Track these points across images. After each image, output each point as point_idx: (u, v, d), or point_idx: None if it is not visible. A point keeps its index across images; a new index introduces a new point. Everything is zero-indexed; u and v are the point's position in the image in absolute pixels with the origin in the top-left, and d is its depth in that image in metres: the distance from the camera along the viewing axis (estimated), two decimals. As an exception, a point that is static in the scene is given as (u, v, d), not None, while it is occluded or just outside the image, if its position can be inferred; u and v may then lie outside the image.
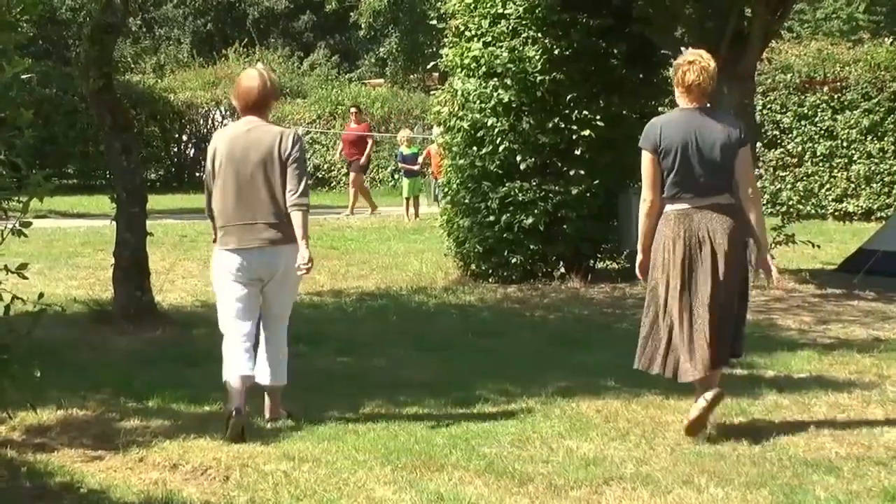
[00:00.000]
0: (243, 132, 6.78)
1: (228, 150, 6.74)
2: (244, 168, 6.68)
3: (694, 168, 6.50)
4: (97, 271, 13.08)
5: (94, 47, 9.68)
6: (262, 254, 6.67)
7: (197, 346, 8.91)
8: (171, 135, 34.05)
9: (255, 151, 6.69)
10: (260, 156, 6.67)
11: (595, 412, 7.02)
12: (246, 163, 6.68)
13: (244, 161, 6.68)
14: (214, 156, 6.79)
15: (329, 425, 6.64)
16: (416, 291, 12.27)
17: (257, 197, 6.66)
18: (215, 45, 48.79)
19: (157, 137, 33.33)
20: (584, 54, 13.08)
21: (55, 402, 6.88)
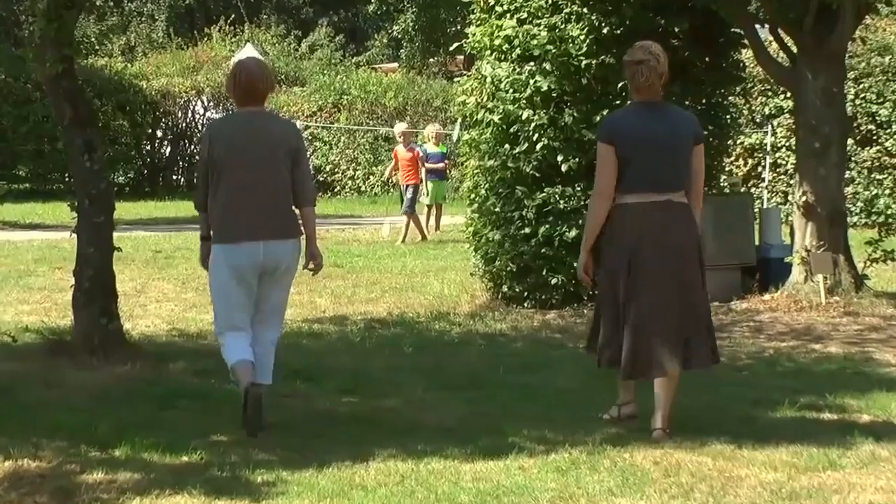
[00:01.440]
0: (248, 123, 7.79)
1: (232, 141, 7.70)
2: (250, 161, 7.65)
3: (650, 163, 7.55)
4: (54, 293, 13.14)
5: (50, 25, 9.69)
6: (266, 247, 7.67)
7: (173, 384, 8.92)
8: (144, 130, 34.06)
9: (261, 144, 7.69)
10: (268, 148, 7.69)
11: (652, 464, 6.99)
12: (252, 155, 7.66)
13: (250, 153, 7.66)
14: (212, 148, 7.69)
15: (332, 479, 6.63)
16: (436, 318, 12.27)
17: (263, 190, 7.66)
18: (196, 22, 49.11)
19: (127, 133, 33.41)
20: (638, 33, 13.04)
21: (2, 450, 6.87)
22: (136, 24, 49.31)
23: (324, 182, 32.67)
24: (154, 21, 49.81)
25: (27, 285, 13.99)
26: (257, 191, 7.67)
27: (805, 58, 13.20)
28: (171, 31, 47.76)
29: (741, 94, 16.35)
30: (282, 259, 7.79)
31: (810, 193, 13.11)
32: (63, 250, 16.85)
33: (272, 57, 40.88)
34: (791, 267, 13.29)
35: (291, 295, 13.23)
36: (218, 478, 6.56)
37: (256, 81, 7.79)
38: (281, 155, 7.71)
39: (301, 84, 36.28)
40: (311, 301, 13.30)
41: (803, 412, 8.42)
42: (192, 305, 12.54)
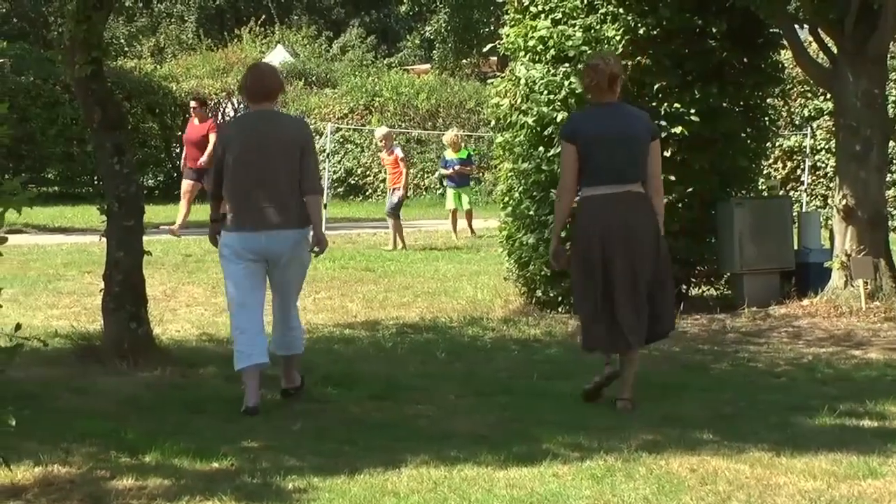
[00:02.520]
0: (259, 120, 8.69)
1: (243, 137, 8.58)
2: (259, 155, 8.47)
3: (611, 158, 8.49)
4: (83, 298, 13.19)
5: (79, 26, 9.74)
6: (268, 237, 8.43)
7: (203, 389, 8.96)
8: (173, 133, 34.03)
9: (270, 139, 8.52)
10: (276, 143, 8.51)
11: (689, 472, 6.98)
12: (261, 150, 8.48)
13: (259, 149, 8.48)
14: (225, 143, 8.61)
15: (363, 485, 6.64)
16: (468, 323, 12.28)
17: (269, 183, 8.45)
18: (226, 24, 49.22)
19: (156, 136, 33.55)
20: (676, 34, 13.06)
21: (33, 456, 6.90)
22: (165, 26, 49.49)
23: (355, 185, 32.71)
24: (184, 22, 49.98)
25: (56, 289, 14.05)
26: (264, 184, 8.46)
27: (845, 59, 13.15)
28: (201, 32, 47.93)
29: (780, 95, 16.26)
30: (284, 247, 8.50)
31: (850, 197, 13.06)
32: (92, 254, 16.92)
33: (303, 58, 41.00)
34: (830, 272, 13.24)
35: (322, 299, 13.31)
36: (249, 484, 6.59)
37: (265, 81, 8.75)
38: (289, 149, 8.52)
39: (332, 86, 36.34)
40: (342, 306, 13.33)
41: (843, 419, 8.39)
42: (222, 310, 12.54)
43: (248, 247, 8.45)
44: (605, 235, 8.50)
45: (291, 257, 8.55)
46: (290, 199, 8.49)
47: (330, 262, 17.32)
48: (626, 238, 8.49)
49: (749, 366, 10.51)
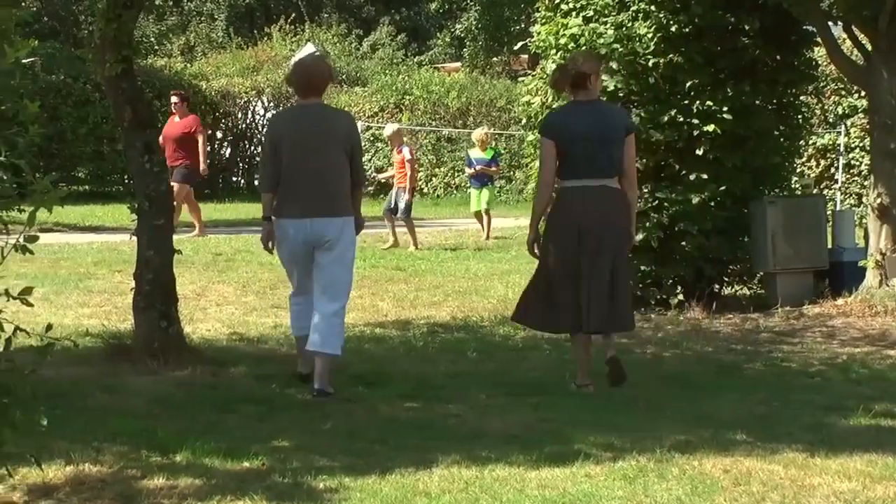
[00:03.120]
0: (307, 113, 9.13)
1: (293, 129, 9.06)
2: (308, 146, 8.96)
3: (588, 153, 9.00)
4: (114, 297, 13.23)
5: (110, 25, 9.76)
6: (312, 223, 8.89)
7: (233, 388, 8.97)
8: (203, 131, 34.17)
9: (319, 131, 8.99)
10: (324, 135, 8.98)
11: (722, 472, 6.96)
12: (310, 142, 8.97)
13: (309, 140, 8.97)
14: (276, 135, 9.13)
15: (395, 485, 6.64)
16: (500, 322, 12.26)
17: (317, 172, 8.92)
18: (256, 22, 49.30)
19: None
20: (708, 31, 13.03)
21: (64, 455, 6.92)
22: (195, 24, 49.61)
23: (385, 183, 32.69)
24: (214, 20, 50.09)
25: (87, 288, 14.09)
26: (312, 173, 8.94)
27: (880, 55, 13.09)
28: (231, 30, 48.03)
29: (813, 93, 16.25)
30: (328, 233, 8.92)
31: (885, 195, 13.01)
32: (123, 253, 16.97)
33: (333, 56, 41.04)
34: (865, 270, 13.19)
35: (353, 298, 13.29)
36: (280, 484, 6.59)
37: (313, 75, 9.15)
38: (337, 141, 9.01)
39: (362, 84, 36.36)
40: (373, 305, 13.33)
41: (878, 419, 8.36)
42: (253, 309, 12.59)
43: (296, 233, 8.96)
44: (579, 226, 9.01)
45: (335, 243, 8.96)
46: (335, 188, 9.01)
47: (360, 261, 17.30)
48: (598, 230, 9.01)
49: (783, 366, 10.48)
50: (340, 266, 9.06)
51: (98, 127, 29.73)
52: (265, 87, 34.51)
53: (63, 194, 5.01)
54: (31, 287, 5.08)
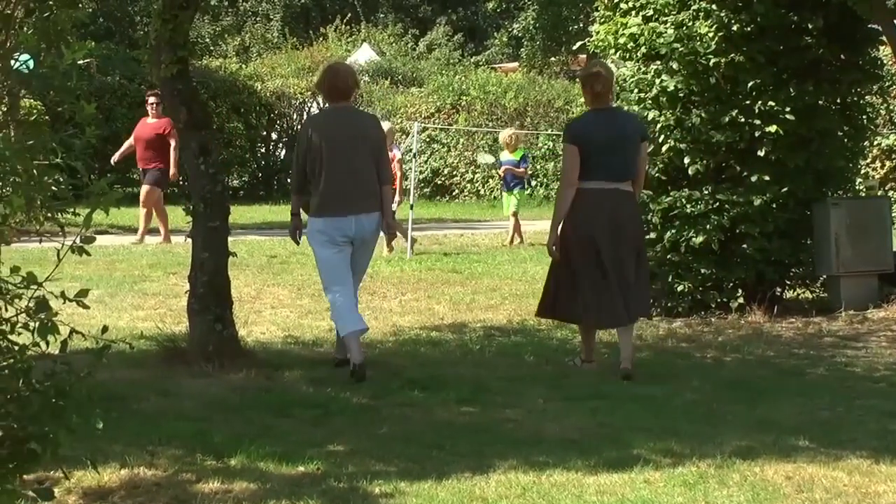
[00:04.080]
0: (339, 117, 9.95)
1: (327, 132, 9.76)
2: (348, 148, 9.70)
3: (607, 158, 9.79)
4: (168, 299, 13.32)
5: (165, 26, 9.83)
6: (357, 221, 9.71)
7: (288, 392, 9.01)
8: (258, 132, 34.16)
9: (350, 134, 9.78)
10: (356, 137, 9.77)
11: (784, 479, 6.93)
12: (344, 143, 9.70)
13: (342, 142, 9.70)
14: (311, 138, 9.75)
15: (451, 491, 6.65)
16: (557, 326, 12.23)
17: (358, 172, 9.70)
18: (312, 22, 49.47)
19: (241, 135, 33.64)
20: (770, 30, 12.97)
21: (119, 458, 6.98)
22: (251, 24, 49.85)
23: (441, 185, 32.72)
24: (269, 21, 50.31)
25: (142, 291, 14.18)
26: (352, 174, 9.71)
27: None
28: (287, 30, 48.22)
29: (878, 93, 16.11)
30: (368, 229, 9.85)
31: (951, 197, 12.91)
32: (177, 255, 17.07)
33: (389, 57, 41.12)
34: (931, 274, 13.10)
35: (409, 301, 13.37)
36: (335, 488, 6.62)
37: (341, 81, 9.98)
38: (369, 142, 9.84)
39: (419, 84, 36.40)
40: (429, 308, 13.35)
41: (944, 426, 8.29)
42: (308, 312, 12.63)
43: (342, 231, 9.73)
44: (596, 226, 9.83)
45: (371, 238, 10.01)
46: (372, 187, 9.82)
47: (416, 263, 17.36)
48: (614, 229, 9.83)
49: (846, 370, 10.41)
50: (369, 256, 10.27)
51: (153, 128, 29.90)
52: (320, 87, 34.58)
53: (119, 196, 5.04)
54: (87, 289, 5.11)
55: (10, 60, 5.04)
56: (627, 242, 9.93)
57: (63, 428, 5.12)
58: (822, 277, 13.61)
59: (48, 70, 4.93)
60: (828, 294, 13.55)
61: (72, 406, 5.12)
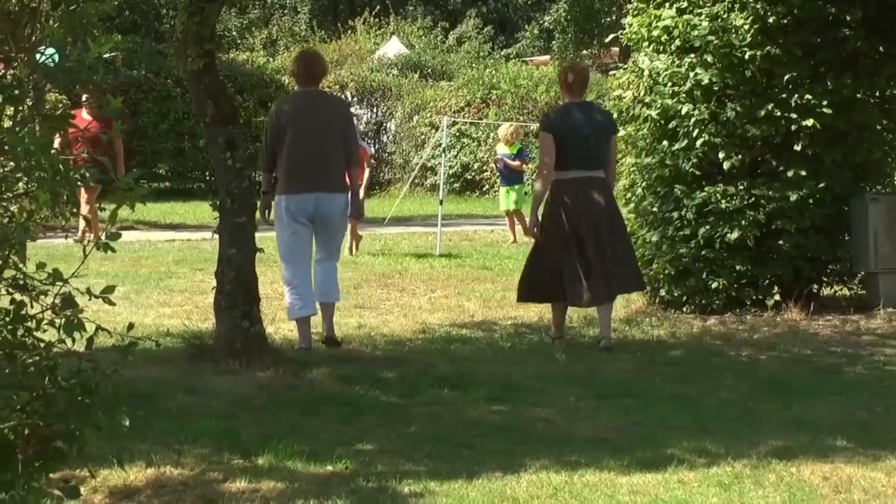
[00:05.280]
0: (308, 100, 10.59)
1: (295, 114, 10.42)
2: (318, 129, 10.39)
3: (582, 148, 10.74)
4: (195, 296, 13.36)
5: (192, 19, 9.83)
6: (317, 198, 10.38)
7: (316, 390, 9.02)
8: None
9: (318, 116, 10.47)
10: (324, 120, 10.47)
11: (821, 479, 6.91)
12: (319, 125, 10.41)
13: (309, 124, 10.38)
14: (278, 119, 10.43)
15: (482, 490, 6.65)
16: (589, 323, 12.24)
17: (318, 153, 10.37)
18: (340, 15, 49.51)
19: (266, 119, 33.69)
20: (807, 22, 12.92)
21: (145, 457, 7.00)
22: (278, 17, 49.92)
23: (471, 180, 32.66)
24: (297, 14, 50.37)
25: (168, 287, 14.23)
26: (317, 154, 10.39)
27: None
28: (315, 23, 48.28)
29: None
30: (329, 208, 10.46)
31: None
32: (204, 251, 17.12)
33: (418, 50, 41.14)
34: (971, 271, 13.03)
35: (438, 298, 13.37)
36: (364, 488, 6.63)
37: (313, 66, 10.70)
38: (337, 125, 10.57)
39: (448, 78, 36.38)
40: (458, 305, 13.36)
41: None
42: (336, 309, 12.64)
43: (303, 208, 10.40)
44: (576, 212, 10.73)
45: (336, 215, 10.56)
46: (336, 167, 10.54)
47: (446, 259, 17.38)
48: (592, 214, 10.75)
49: (885, 369, 10.38)
50: (339, 234, 10.97)
51: (179, 123, 30.00)
52: (349, 81, 34.64)
53: (145, 191, 5.06)
54: (113, 286, 5.13)
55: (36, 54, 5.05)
56: (604, 224, 10.79)
57: (89, 426, 5.14)
58: (860, 274, 13.55)
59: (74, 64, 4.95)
60: (866, 291, 13.49)
61: (98, 404, 5.14)
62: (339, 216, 10.67)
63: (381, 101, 34.82)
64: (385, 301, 13.69)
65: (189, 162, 30.83)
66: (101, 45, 4.92)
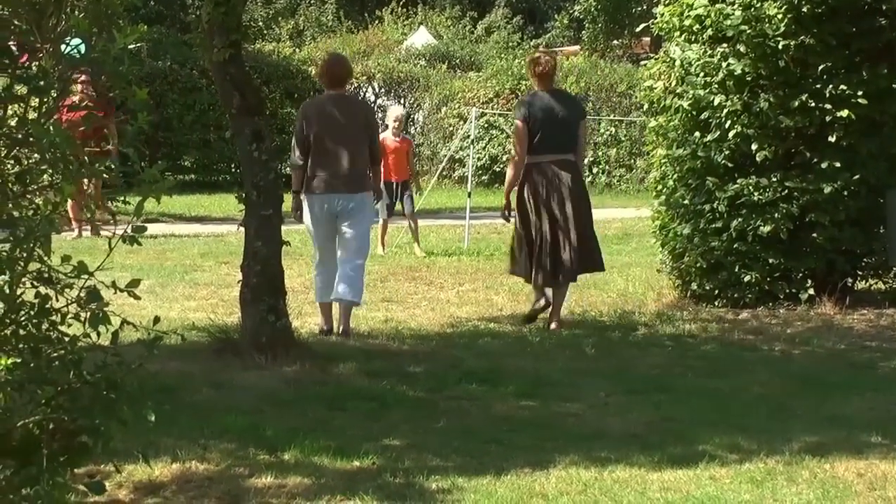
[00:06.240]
0: (333, 102, 11.12)
1: (321, 116, 10.98)
2: (341, 132, 10.90)
3: (552, 133, 11.49)
4: (220, 289, 13.39)
5: (218, 9, 9.83)
6: (340, 198, 10.88)
7: (343, 385, 9.03)
8: (312, 118, 34.25)
9: (342, 118, 10.95)
10: (348, 122, 10.96)
11: (855, 476, 6.89)
12: (340, 127, 10.92)
13: (339, 126, 10.91)
14: (306, 121, 10.98)
15: (510, 486, 6.66)
16: (619, 317, 12.24)
17: (347, 154, 10.87)
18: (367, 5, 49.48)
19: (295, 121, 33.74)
20: (842, 11, 12.87)
21: (170, 452, 7.03)
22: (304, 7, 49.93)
23: (500, 172, 32.56)
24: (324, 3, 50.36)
25: (193, 280, 14.27)
26: (338, 155, 10.88)
27: None
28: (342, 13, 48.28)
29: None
30: (353, 207, 10.93)
31: None
32: (229, 244, 17.16)
33: (446, 40, 41.12)
34: None
35: (467, 292, 13.38)
36: (391, 483, 6.65)
37: (341, 70, 11.25)
38: (358, 127, 11.03)
39: (477, 69, 36.33)
40: (487, 299, 13.36)
41: None
42: (363, 302, 12.67)
43: (329, 208, 10.92)
44: (549, 193, 11.49)
45: (357, 214, 10.98)
46: (360, 169, 11.01)
47: (475, 253, 17.37)
48: (563, 195, 11.47)
49: (921, 364, 10.35)
50: (362, 233, 11.14)
51: (205, 114, 29.98)
52: (376, 72, 34.63)
53: (171, 184, 5.07)
54: (139, 279, 5.15)
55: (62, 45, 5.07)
56: (574, 205, 11.49)
57: (114, 421, 5.17)
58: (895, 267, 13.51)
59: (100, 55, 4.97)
60: (900, 284, 13.46)
61: (123, 398, 5.17)
62: (361, 213, 11.08)
63: (409, 92, 34.81)
64: (413, 295, 13.71)
65: (215, 154, 30.82)
66: (127, 36, 4.93)
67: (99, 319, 5.02)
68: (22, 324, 5.07)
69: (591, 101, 32.29)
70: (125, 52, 4.95)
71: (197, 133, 30.25)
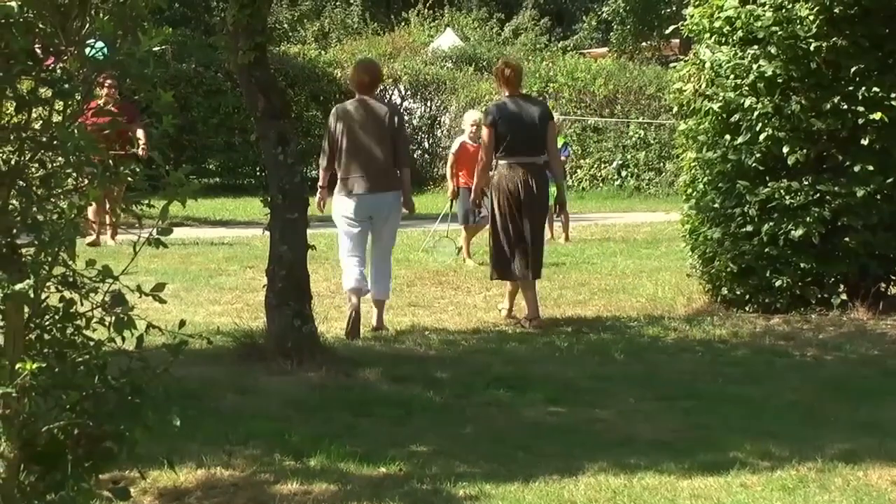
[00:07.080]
0: (363, 106, 11.51)
1: (351, 120, 11.40)
2: (368, 134, 11.33)
3: (520, 136, 12.00)
4: (245, 294, 13.42)
5: (243, 11, 9.86)
6: (373, 198, 11.36)
7: (369, 390, 9.04)
8: (338, 121, 34.29)
9: (371, 121, 11.40)
10: (377, 125, 11.41)
11: (889, 483, 6.88)
12: (369, 130, 11.36)
13: (368, 129, 11.35)
14: (337, 124, 11.40)
15: (538, 493, 6.66)
16: (649, 322, 12.23)
17: (376, 156, 11.34)
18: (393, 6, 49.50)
19: (321, 124, 33.75)
20: (875, 13, 12.84)
21: (195, 458, 7.04)
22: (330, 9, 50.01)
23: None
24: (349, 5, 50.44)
25: (218, 285, 14.30)
26: (367, 157, 11.33)
27: None
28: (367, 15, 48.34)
29: None
30: (385, 206, 11.45)
31: None
32: (255, 248, 17.20)
33: (473, 42, 41.12)
34: None
35: (494, 297, 13.39)
36: (418, 490, 6.65)
37: (367, 76, 11.68)
38: (386, 130, 11.42)
39: (504, 71, 36.32)
40: (515, 303, 13.33)
41: None
42: (389, 307, 12.66)
43: (360, 208, 11.36)
44: (518, 194, 11.96)
45: (390, 213, 11.53)
46: (388, 169, 11.45)
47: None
48: (531, 196, 11.99)
49: (955, 371, 10.30)
50: (392, 231, 11.78)
51: (229, 117, 30.10)
52: (402, 74, 34.67)
53: (197, 187, 5.08)
54: (164, 283, 5.16)
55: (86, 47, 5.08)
56: (537, 207, 12.19)
57: (139, 426, 5.17)
58: (930, 272, 13.46)
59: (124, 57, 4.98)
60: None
61: (148, 404, 5.17)
62: (394, 212, 11.62)
63: (436, 94, 34.85)
64: (439, 299, 13.71)
65: (239, 157, 30.95)
66: (152, 39, 4.94)
67: (124, 324, 5.03)
68: (47, 328, 5.08)
69: (620, 103, 32.29)
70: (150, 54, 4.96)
71: (222, 136, 30.37)
